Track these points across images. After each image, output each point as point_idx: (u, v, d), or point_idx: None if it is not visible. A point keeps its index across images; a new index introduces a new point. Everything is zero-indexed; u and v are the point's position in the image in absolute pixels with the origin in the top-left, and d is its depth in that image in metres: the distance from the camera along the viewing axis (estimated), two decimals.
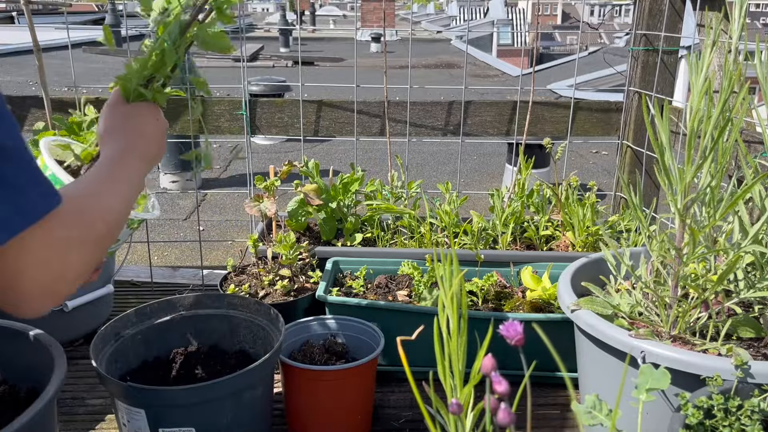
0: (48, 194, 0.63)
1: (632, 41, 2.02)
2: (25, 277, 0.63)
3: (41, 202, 0.62)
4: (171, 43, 0.98)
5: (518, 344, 0.59)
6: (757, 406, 0.84)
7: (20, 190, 0.59)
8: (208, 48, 1.02)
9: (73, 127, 1.58)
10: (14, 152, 0.59)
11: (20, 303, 0.65)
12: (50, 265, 0.65)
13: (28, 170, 0.61)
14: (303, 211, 1.83)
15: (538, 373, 1.45)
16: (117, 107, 0.97)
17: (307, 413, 1.27)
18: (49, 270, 0.65)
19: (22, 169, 0.60)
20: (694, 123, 0.98)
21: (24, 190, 0.60)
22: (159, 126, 0.99)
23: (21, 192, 0.59)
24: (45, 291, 0.66)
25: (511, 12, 23.01)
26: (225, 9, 1.01)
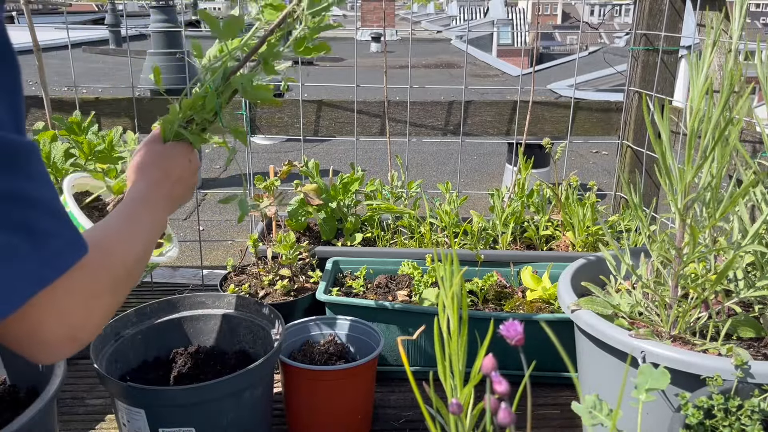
0: (75, 244, 0.62)
1: (632, 41, 2.02)
2: (46, 327, 0.62)
3: (68, 253, 0.61)
4: (214, 88, 0.99)
5: (518, 344, 0.59)
6: (757, 406, 0.84)
7: (47, 242, 0.58)
8: (249, 98, 1.06)
9: (73, 128, 1.58)
10: (44, 203, 0.59)
11: (40, 352, 0.65)
12: (72, 315, 0.64)
13: (57, 220, 0.60)
14: (303, 211, 1.83)
15: (538, 373, 1.45)
16: (153, 145, 0.99)
17: (307, 413, 1.27)
18: (71, 320, 0.64)
19: (50, 218, 0.59)
20: (695, 123, 0.98)
21: (51, 241, 0.59)
22: (190, 168, 1.01)
23: (48, 243, 0.58)
24: (66, 340, 0.65)
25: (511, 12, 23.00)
26: (270, 61, 1.03)
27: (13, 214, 0.56)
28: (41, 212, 0.58)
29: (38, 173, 0.58)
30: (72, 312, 0.64)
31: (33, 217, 0.57)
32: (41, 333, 0.62)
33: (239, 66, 1.01)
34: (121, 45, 13.22)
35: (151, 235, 0.85)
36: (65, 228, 0.61)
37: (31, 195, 0.57)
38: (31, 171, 0.57)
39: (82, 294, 0.65)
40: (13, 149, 0.56)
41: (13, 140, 0.56)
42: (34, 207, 0.57)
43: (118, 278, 0.72)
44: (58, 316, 0.62)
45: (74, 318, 0.65)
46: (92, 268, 0.66)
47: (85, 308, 0.66)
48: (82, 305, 0.65)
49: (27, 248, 0.56)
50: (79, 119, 1.59)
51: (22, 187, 0.56)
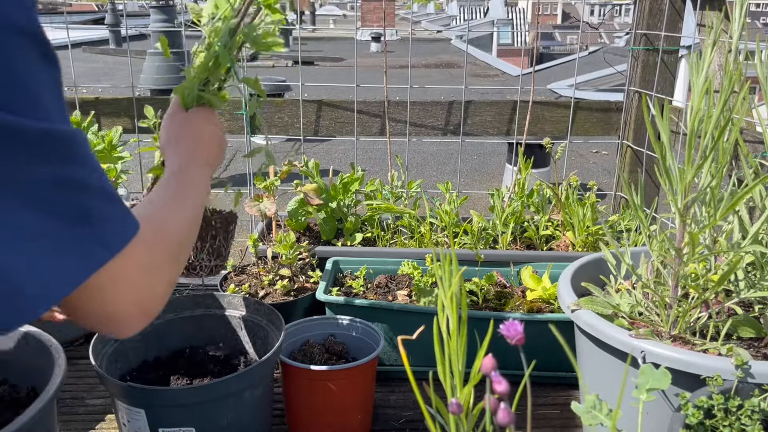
0: (127, 222, 0.66)
1: (632, 41, 2.02)
2: (116, 302, 0.66)
3: (122, 232, 0.65)
4: (223, 46, 0.99)
5: (519, 344, 0.59)
6: (758, 406, 0.84)
7: (102, 224, 0.62)
8: (260, 47, 1.05)
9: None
10: (97, 187, 0.62)
11: (118, 327, 0.69)
12: (139, 288, 0.68)
13: (109, 203, 0.63)
14: (303, 210, 1.82)
15: (538, 372, 1.45)
16: (175, 117, 1.01)
17: (307, 413, 1.27)
18: (137, 293, 0.68)
19: (104, 202, 0.63)
20: (695, 122, 0.98)
21: (105, 223, 0.62)
22: (216, 129, 1.02)
23: (102, 225, 0.62)
24: (138, 313, 0.69)
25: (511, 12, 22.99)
26: (274, 3, 1.02)
27: (71, 200, 0.59)
28: (95, 196, 0.62)
29: (88, 159, 0.62)
30: (137, 285, 0.68)
31: (88, 202, 0.61)
32: (113, 308, 0.66)
33: (242, 17, 1.00)
34: (121, 45, 13.22)
35: (197, 199, 0.89)
36: (117, 209, 0.64)
37: (84, 181, 0.61)
38: (82, 157, 0.61)
39: (142, 267, 0.68)
40: (65, 139, 0.60)
41: (64, 130, 0.60)
42: (88, 192, 0.61)
43: (172, 247, 0.76)
44: (124, 291, 0.66)
45: (140, 291, 0.68)
46: (148, 241, 0.70)
47: (147, 281, 0.70)
48: (145, 278, 0.69)
49: (83, 232, 0.60)
50: (79, 119, 1.59)
51: (76, 173, 0.60)
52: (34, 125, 0.57)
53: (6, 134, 0.55)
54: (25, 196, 0.56)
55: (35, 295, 0.58)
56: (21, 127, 0.56)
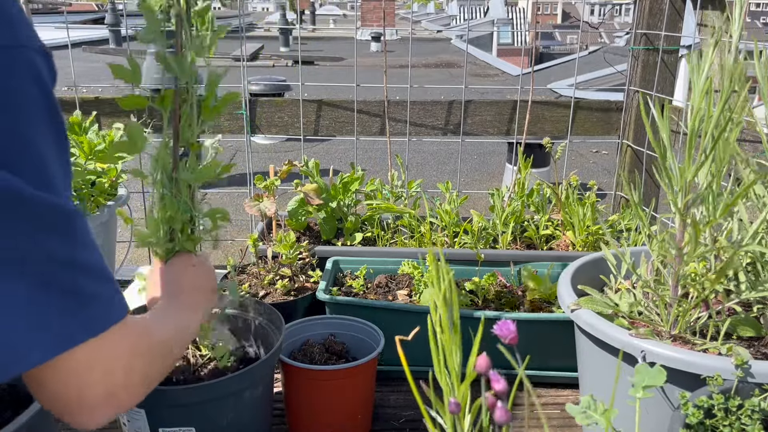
0: (114, 305, 0.66)
1: (632, 40, 2.01)
2: (90, 387, 0.65)
3: (106, 314, 0.64)
4: (168, 192, 1.01)
5: (512, 343, 0.59)
6: (758, 406, 0.84)
7: (91, 304, 0.62)
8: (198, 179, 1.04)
9: (74, 127, 1.58)
10: (93, 268, 0.63)
11: (82, 415, 0.67)
12: (113, 371, 0.67)
13: (102, 284, 0.64)
14: (303, 210, 1.82)
15: (539, 372, 1.45)
16: (156, 270, 1.02)
17: (307, 413, 1.27)
18: (112, 376, 0.67)
19: (97, 283, 0.63)
20: (695, 122, 0.98)
21: (93, 302, 0.63)
22: (196, 272, 1.02)
23: (92, 305, 0.62)
24: (106, 397, 0.67)
25: (511, 11, 23.00)
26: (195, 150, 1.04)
27: (63, 276, 0.60)
28: (88, 276, 0.62)
29: (88, 239, 0.63)
30: (113, 368, 0.67)
31: (82, 282, 0.61)
32: (82, 390, 0.65)
33: (175, 161, 1.01)
34: (121, 44, 13.22)
35: (180, 333, 0.89)
36: (107, 290, 0.65)
37: (82, 260, 0.62)
38: (82, 237, 0.62)
39: (123, 351, 0.68)
40: (69, 217, 0.61)
41: (69, 209, 0.61)
42: (84, 272, 0.62)
43: (155, 345, 0.76)
44: (99, 371, 0.65)
45: (115, 375, 0.67)
46: (133, 330, 0.70)
47: (126, 366, 0.68)
48: (123, 363, 0.68)
49: (68, 309, 0.60)
50: (79, 119, 1.59)
51: (76, 253, 0.61)
52: (43, 197, 0.57)
53: (16, 201, 0.55)
54: (19, 264, 0.57)
55: (4, 362, 0.59)
56: (32, 197, 0.56)
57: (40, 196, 0.57)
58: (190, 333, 0.94)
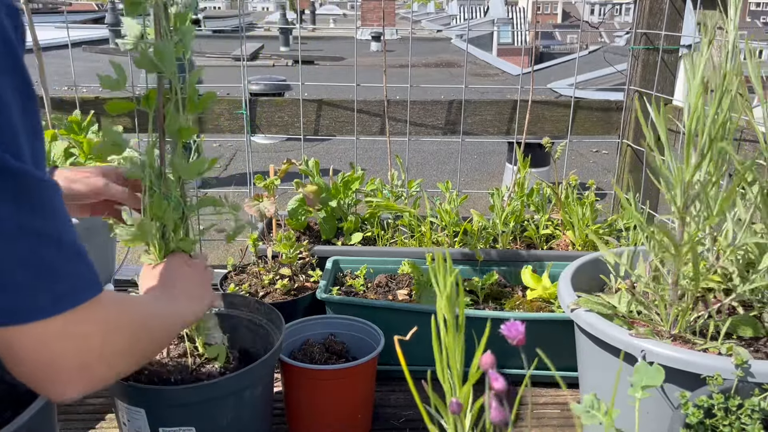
0: (89, 284, 0.66)
1: (632, 40, 2.01)
2: (61, 353, 0.64)
3: (74, 291, 0.64)
4: (157, 189, 1.02)
5: (519, 344, 0.59)
6: (758, 405, 0.84)
7: (58, 277, 0.62)
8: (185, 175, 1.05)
9: (73, 127, 1.58)
10: (66, 243, 0.63)
11: (53, 382, 0.66)
12: (89, 343, 0.67)
13: (72, 260, 0.64)
14: (303, 210, 1.82)
15: (539, 372, 1.45)
16: (147, 270, 1.03)
17: (307, 412, 1.27)
18: (87, 347, 0.67)
19: (66, 257, 0.63)
20: (693, 122, 0.98)
21: (62, 277, 0.62)
22: (191, 271, 1.03)
23: (59, 279, 0.62)
24: (79, 369, 0.66)
25: (511, 11, 23.00)
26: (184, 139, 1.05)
27: (32, 248, 0.59)
28: (59, 251, 0.62)
29: (62, 213, 0.62)
30: (87, 341, 0.66)
31: (49, 255, 0.61)
32: (54, 360, 0.64)
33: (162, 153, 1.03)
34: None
35: (169, 319, 0.89)
36: (79, 267, 0.65)
37: (50, 232, 0.61)
38: (51, 209, 0.61)
39: (99, 325, 0.67)
40: (41, 189, 0.60)
41: (41, 180, 0.60)
42: (53, 245, 0.61)
43: (135, 325, 0.76)
44: (72, 343, 0.65)
45: (90, 347, 0.67)
46: (111, 305, 0.70)
47: (102, 340, 0.68)
48: (100, 336, 0.68)
49: (36, 281, 0.60)
50: (78, 118, 1.59)
51: (44, 224, 0.60)
52: (12, 164, 0.56)
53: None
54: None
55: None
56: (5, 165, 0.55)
57: (11, 162, 0.56)
58: (182, 322, 0.94)
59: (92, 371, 0.67)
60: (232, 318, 1.36)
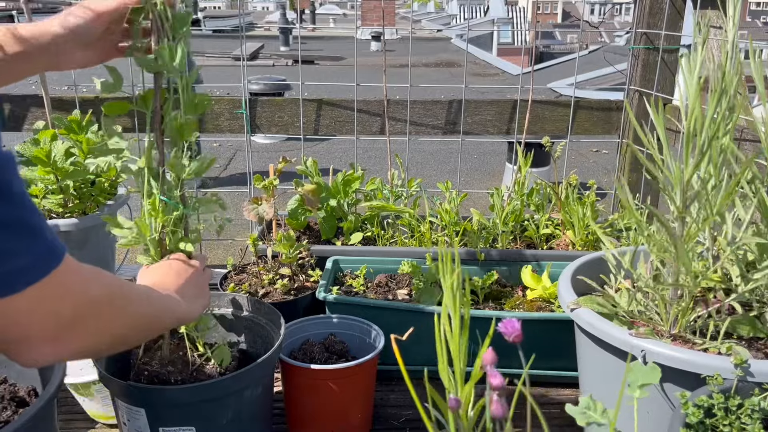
0: (46, 257, 0.64)
1: (633, 40, 2.01)
2: (32, 320, 0.65)
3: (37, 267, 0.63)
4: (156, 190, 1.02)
5: (516, 341, 0.59)
6: (758, 405, 0.84)
7: (10, 260, 0.61)
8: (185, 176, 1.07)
9: (73, 126, 1.58)
10: (13, 222, 0.61)
11: (22, 348, 0.67)
12: (60, 312, 0.67)
13: (24, 237, 0.62)
14: (303, 209, 1.82)
15: (539, 371, 1.45)
16: (143, 271, 1.03)
17: (307, 412, 1.27)
18: (58, 316, 0.67)
19: (16, 236, 0.61)
20: (691, 122, 0.98)
21: (16, 259, 0.61)
22: (190, 271, 1.03)
23: (12, 261, 0.61)
24: (49, 338, 0.67)
25: (511, 11, 22.99)
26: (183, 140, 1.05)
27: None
28: (10, 232, 0.60)
29: (9, 188, 0.60)
30: (58, 315, 0.67)
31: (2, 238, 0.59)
32: (24, 333, 0.65)
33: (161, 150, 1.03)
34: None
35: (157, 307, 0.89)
36: (36, 242, 0.63)
37: (2, 216, 0.59)
38: (3, 188, 0.59)
39: (68, 298, 0.67)
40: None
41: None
42: (3, 226, 0.59)
43: (115, 297, 0.76)
44: (40, 318, 0.65)
45: (59, 320, 0.67)
46: (86, 275, 0.70)
47: (74, 309, 0.68)
48: (72, 305, 0.68)
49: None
50: (78, 118, 1.59)
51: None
52: None
53: None
54: None
55: None
56: None
57: None
58: (172, 317, 0.94)
59: (64, 341, 0.69)
60: (232, 318, 1.36)
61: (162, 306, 0.92)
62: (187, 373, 1.14)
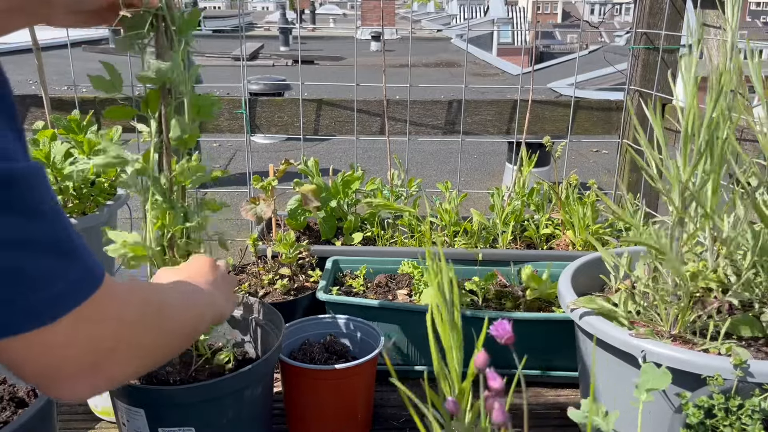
0: (82, 282, 0.59)
1: (633, 40, 2.01)
2: (69, 354, 0.59)
3: (73, 293, 0.58)
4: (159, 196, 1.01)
5: (508, 343, 0.59)
6: (758, 406, 0.84)
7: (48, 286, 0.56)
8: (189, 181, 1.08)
9: (72, 126, 1.58)
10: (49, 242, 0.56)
11: (62, 383, 0.61)
12: (99, 341, 0.62)
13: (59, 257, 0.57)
14: (302, 210, 1.82)
15: (539, 372, 1.45)
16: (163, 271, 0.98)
17: (306, 412, 1.27)
18: (96, 345, 0.62)
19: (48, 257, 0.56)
20: (689, 121, 0.98)
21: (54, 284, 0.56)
22: (219, 272, 0.98)
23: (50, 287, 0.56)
24: (89, 368, 0.61)
25: (511, 11, 23.00)
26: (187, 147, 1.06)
27: (19, 259, 0.53)
28: (47, 254, 0.55)
29: (44, 206, 0.55)
30: (96, 342, 0.61)
31: (38, 260, 0.54)
32: (62, 366, 0.60)
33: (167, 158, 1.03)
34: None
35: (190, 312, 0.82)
36: (74, 265, 0.58)
37: (37, 236, 0.54)
38: (35, 205, 0.54)
39: (106, 324, 0.62)
40: (20, 183, 0.52)
41: (21, 173, 0.52)
42: (41, 249, 0.55)
43: (154, 314, 0.70)
44: (78, 348, 0.60)
45: (98, 346, 0.62)
46: (123, 296, 0.64)
47: (113, 338, 0.63)
48: (110, 335, 0.63)
49: (30, 292, 0.54)
50: (77, 118, 1.59)
51: (25, 228, 0.53)
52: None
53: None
54: None
55: None
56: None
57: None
58: (214, 311, 0.89)
59: (103, 371, 0.63)
60: (232, 318, 1.36)
61: (203, 303, 0.86)
62: (187, 373, 1.14)
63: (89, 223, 1.55)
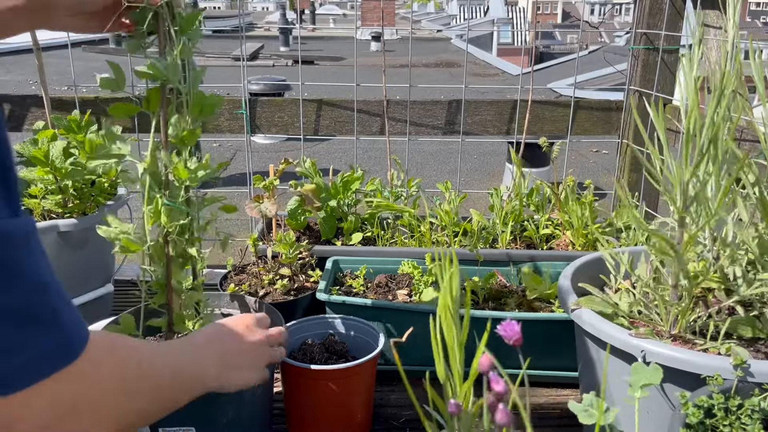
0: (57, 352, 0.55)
1: (632, 40, 2.01)
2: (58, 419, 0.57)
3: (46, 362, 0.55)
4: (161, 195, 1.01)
5: (516, 344, 0.59)
6: (758, 406, 0.84)
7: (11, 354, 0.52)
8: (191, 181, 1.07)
9: (72, 126, 1.58)
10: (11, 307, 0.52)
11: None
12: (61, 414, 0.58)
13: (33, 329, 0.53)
14: (303, 210, 1.82)
15: (539, 372, 1.45)
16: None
17: (306, 412, 1.27)
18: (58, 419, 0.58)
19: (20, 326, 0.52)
20: (690, 122, 0.98)
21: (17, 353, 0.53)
22: (247, 334, 0.98)
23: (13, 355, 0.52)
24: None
25: (511, 11, 23.02)
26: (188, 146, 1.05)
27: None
28: (12, 321, 0.51)
29: (24, 269, 0.51)
30: (61, 409, 0.58)
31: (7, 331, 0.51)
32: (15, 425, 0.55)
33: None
34: (121, 44, 13.22)
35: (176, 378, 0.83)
36: (45, 338, 0.54)
37: (12, 303, 0.51)
38: (14, 271, 0.50)
39: (81, 397, 0.59)
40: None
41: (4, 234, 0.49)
42: (12, 320, 0.51)
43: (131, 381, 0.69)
44: (38, 410, 0.55)
45: (61, 416, 0.58)
46: (105, 371, 0.63)
47: (82, 409, 0.60)
48: (82, 406, 0.60)
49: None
50: (77, 118, 1.59)
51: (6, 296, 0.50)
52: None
53: None
54: None
55: None
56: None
57: None
58: (201, 386, 0.90)
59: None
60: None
61: (187, 374, 0.86)
62: None
63: (89, 223, 1.55)
